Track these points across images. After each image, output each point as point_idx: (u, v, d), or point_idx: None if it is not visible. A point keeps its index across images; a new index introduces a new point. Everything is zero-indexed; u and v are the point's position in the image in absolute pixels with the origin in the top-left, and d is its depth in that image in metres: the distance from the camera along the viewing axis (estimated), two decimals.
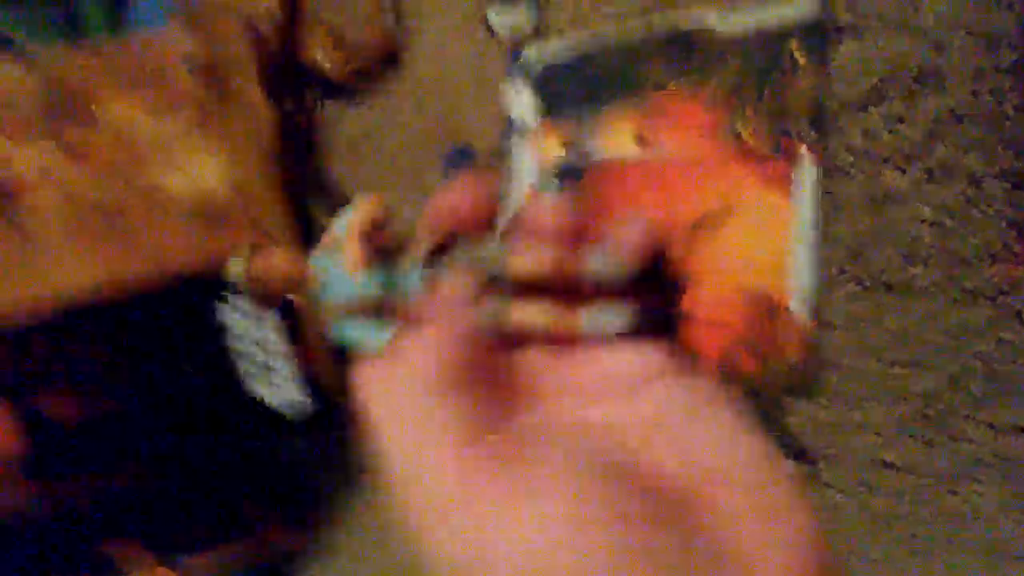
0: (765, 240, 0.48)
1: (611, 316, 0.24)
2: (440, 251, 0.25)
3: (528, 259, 0.23)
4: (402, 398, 0.22)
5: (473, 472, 0.20)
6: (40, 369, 0.56)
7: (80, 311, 0.57)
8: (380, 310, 0.25)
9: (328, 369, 0.59)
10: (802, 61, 0.46)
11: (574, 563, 0.19)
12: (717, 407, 0.22)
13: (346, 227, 0.26)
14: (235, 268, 0.26)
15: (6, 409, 0.55)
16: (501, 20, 0.54)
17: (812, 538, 0.20)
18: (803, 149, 0.47)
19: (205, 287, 0.61)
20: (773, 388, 0.49)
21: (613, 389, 0.23)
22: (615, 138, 0.52)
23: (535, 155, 0.55)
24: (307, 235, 0.66)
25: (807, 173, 0.47)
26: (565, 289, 0.24)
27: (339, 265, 0.26)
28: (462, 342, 0.22)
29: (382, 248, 0.25)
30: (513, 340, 0.23)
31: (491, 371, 0.23)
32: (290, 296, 0.26)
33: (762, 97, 0.48)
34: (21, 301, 0.57)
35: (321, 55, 0.59)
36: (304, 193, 0.67)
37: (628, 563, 0.19)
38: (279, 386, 0.59)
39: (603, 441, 0.21)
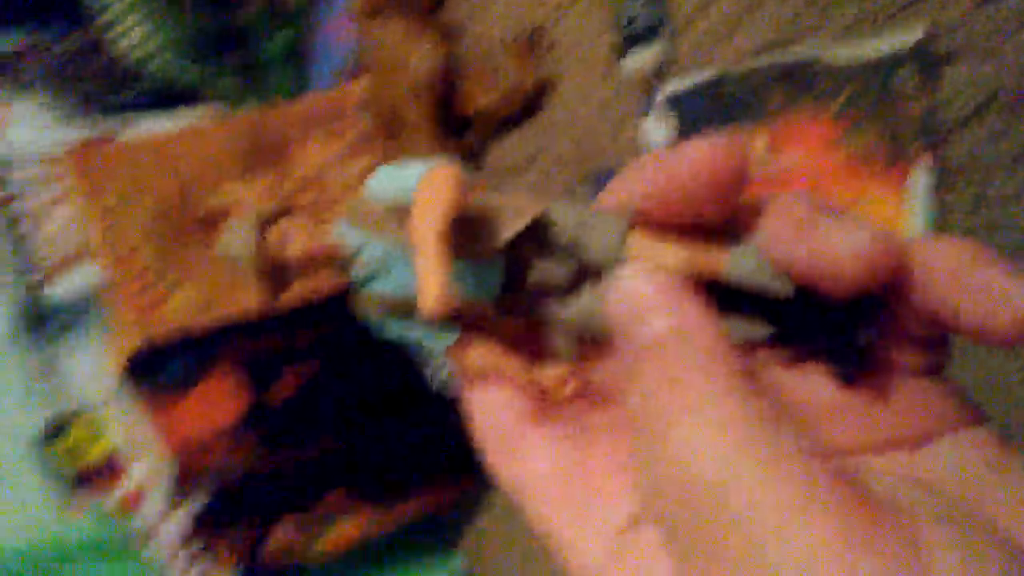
0: None
1: (748, 331, 0.19)
2: (529, 237, 0.20)
3: (656, 255, 0.19)
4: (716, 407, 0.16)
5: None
6: (263, 355, 0.68)
7: (297, 316, 0.69)
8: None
9: None
10: (912, 85, 0.52)
11: None
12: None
13: (414, 198, 0.18)
14: (238, 239, 0.19)
15: (243, 384, 0.67)
16: (635, 61, 0.62)
17: None
18: (916, 162, 0.53)
19: None
20: None
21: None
22: None
23: None
24: None
25: (920, 182, 0.53)
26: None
27: (398, 248, 0.20)
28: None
29: (469, 231, 0.19)
30: None
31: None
32: (314, 276, 0.21)
33: (876, 117, 0.54)
34: (233, 311, 0.69)
35: (478, 100, 0.68)
36: None
37: None
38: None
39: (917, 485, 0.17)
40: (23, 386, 0.79)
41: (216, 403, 0.66)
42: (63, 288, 0.76)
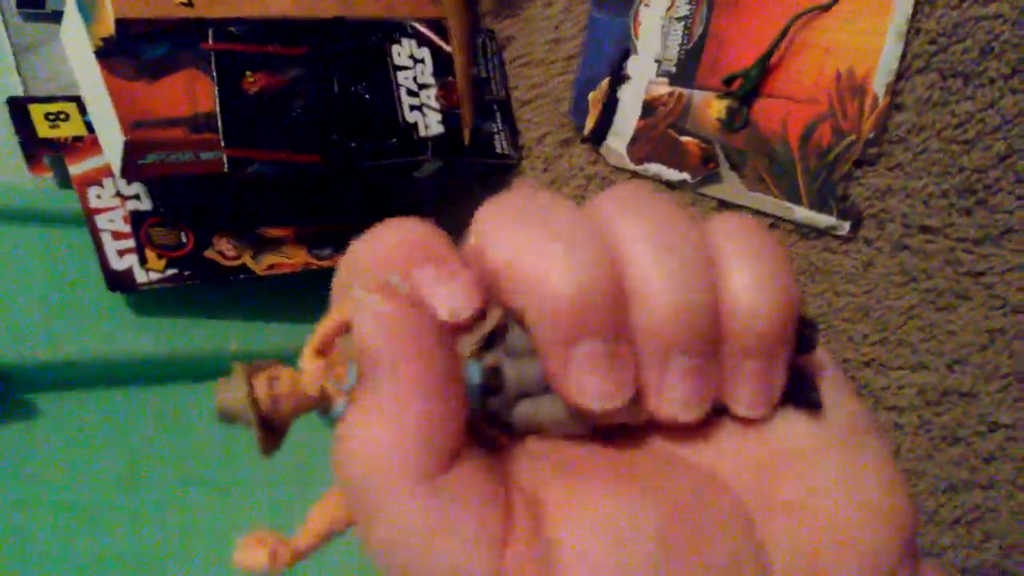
0: (864, 30, 0.56)
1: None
2: (495, 342, 0.20)
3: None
4: None
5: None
6: (245, 55, 0.69)
7: (283, 28, 0.70)
8: None
9: (467, 106, 0.70)
10: None
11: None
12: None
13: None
14: (230, 394, 0.20)
15: (213, 79, 0.67)
16: None
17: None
18: None
19: (382, 30, 0.73)
20: (846, 159, 0.57)
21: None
22: None
23: None
24: (474, 28, 0.76)
25: None
26: None
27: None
28: None
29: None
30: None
31: None
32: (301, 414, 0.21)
33: None
34: (241, 11, 0.70)
35: None
36: None
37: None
38: (425, 114, 0.70)
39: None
40: (10, 54, 0.80)
41: (182, 93, 0.67)
42: None
